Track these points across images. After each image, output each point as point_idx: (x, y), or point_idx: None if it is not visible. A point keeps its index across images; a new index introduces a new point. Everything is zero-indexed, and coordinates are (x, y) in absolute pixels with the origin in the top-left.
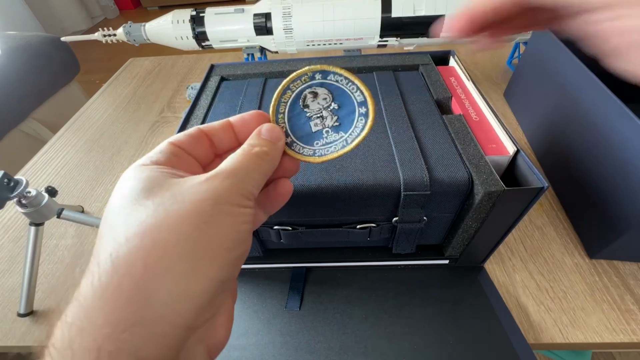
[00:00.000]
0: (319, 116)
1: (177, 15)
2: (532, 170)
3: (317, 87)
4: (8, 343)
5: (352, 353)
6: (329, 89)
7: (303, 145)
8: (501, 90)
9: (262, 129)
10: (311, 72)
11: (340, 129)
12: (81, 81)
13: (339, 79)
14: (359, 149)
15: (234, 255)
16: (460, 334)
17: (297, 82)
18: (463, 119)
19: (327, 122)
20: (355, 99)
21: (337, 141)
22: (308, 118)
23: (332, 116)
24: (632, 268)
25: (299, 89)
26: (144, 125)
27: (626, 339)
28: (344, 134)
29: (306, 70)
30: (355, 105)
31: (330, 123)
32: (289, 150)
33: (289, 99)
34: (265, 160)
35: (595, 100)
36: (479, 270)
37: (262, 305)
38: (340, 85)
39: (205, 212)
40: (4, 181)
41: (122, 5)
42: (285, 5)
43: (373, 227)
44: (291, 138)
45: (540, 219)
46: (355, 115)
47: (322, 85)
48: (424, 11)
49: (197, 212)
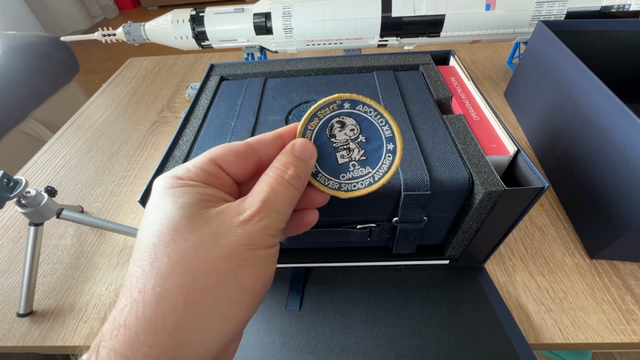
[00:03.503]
0: (346, 148)
1: (177, 14)
2: (533, 170)
3: (345, 117)
4: (8, 343)
5: (352, 353)
6: (357, 120)
7: (328, 177)
8: (501, 90)
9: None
10: (340, 100)
11: (367, 164)
12: (81, 81)
13: (368, 111)
14: None
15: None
16: (461, 334)
17: (325, 109)
18: (463, 119)
19: (353, 154)
20: (384, 133)
21: (364, 177)
22: (335, 149)
23: (359, 149)
24: (632, 268)
25: (327, 117)
26: (144, 125)
27: (626, 339)
28: (370, 170)
29: (335, 97)
30: (384, 141)
31: (357, 157)
32: (313, 180)
33: (316, 126)
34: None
35: (596, 100)
36: (479, 270)
37: (262, 305)
38: (369, 117)
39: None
40: (4, 181)
41: (122, 5)
42: (285, 5)
43: (373, 227)
44: (316, 168)
45: (540, 219)
46: (383, 151)
47: (350, 115)
48: (424, 11)
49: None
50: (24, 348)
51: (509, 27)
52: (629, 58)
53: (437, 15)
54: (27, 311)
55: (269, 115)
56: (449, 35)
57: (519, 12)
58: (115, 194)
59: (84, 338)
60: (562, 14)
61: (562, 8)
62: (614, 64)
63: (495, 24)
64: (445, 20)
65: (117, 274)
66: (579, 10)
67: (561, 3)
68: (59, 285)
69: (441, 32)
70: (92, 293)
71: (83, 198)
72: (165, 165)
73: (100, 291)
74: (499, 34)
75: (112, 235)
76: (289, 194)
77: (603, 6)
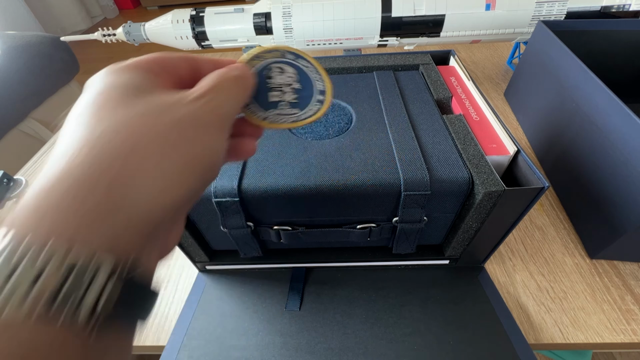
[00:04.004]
0: (279, 90)
1: (177, 15)
2: (533, 170)
3: (286, 65)
4: None
5: (352, 353)
6: (297, 71)
7: (258, 109)
8: (501, 90)
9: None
10: (284, 50)
11: (297, 107)
12: (81, 81)
13: (308, 66)
14: (359, 149)
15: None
16: (461, 334)
17: (268, 54)
18: (463, 119)
19: (286, 96)
20: (316, 86)
21: (290, 115)
22: (268, 88)
23: (292, 93)
24: (632, 268)
25: (268, 61)
26: None
27: (626, 339)
28: (298, 112)
29: (281, 47)
30: (315, 91)
31: (289, 98)
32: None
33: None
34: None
35: (596, 100)
36: (479, 270)
37: (262, 305)
38: (307, 71)
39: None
40: (4, 181)
41: (122, 5)
42: (285, 5)
43: (373, 227)
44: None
45: (540, 219)
46: (312, 100)
47: (291, 66)
48: (424, 11)
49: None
50: None
51: (509, 27)
52: (629, 58)
53: (437, 15)
54: None
55: None
56: (449, 35)
57: (519, 12)
58: None
59: None
60: (562, 14)
61: (562, 8)
62: (614, 64)
63: (495, 24)
64: (445, 21)
65: None
66: (579, 10)
67: (561, 3)
68: None
69: (441, 32)
70: None
71: None
72: None
73: None
74: (499, 34)
75: None
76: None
77: (603, 6)
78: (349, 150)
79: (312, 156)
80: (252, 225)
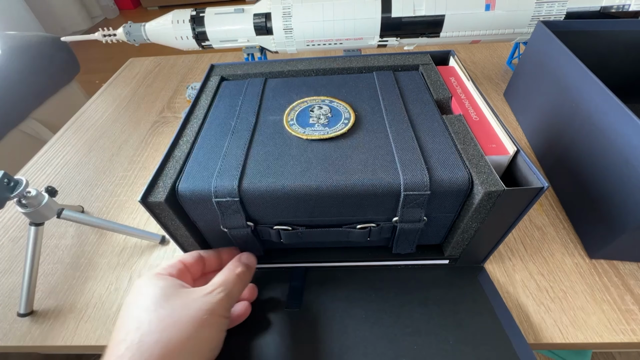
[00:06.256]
0: (317, 118)
1: (177, 15)
2: (532, 170)
3: (324, 106)
4: (8, 343)
5: (352, 353)
6: (330, 108)
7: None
8: (501, 90)
9: (242, 256)
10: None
11: (327, 126)
12: (81, 81)
13: (339, 105)
14: (359, 149)
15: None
16: (460, 334)
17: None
18: (463, 119)
19: (321, 120)
20: (344, 114)
21: (320, 131)
22: (310, 116)
23: (325, 118)
24: (632, 268)
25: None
26: (144, 125)
27: (626, 339)
28: (327, 129)
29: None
30: (342, 117)
31: (322, 121)
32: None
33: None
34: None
35: (595, 100)
36: (479, 270)
37: (262, 305)
38: (338, 108)
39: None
40: (4, 181)
41: (122, 5)
42: (285, 5)
43: (373, 227)
44: (294, 122)
45: (540, 219)
46: (340, 121)
47: (327, 106)
48: (424, 11)
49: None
50: (25, 348)
51: (508, 27)
52: (629, 58)
53: (436, 15)
54: (28, 311)
55: (269, 115)
56: (449, 36)
57: (519, 12)
58: (116, 194)
59: (84, 338)
60: (562, 14)
61: (561, 8)
62: (614, 64)
63: (495, 24)
64: (445, 21)
65: (118, 273)
66: (579, 11)
67: (561, 3)
68: (60, 285)
69: (441, 33)
70: (92, 293)
71: (83, 198)
72: (166, 165)
73: (101, 291)
74: (499, 34)
75: (112, 235)
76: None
77: (603, 6)
78: (348, 150)
79: (312, 156)
80: (252, 225)
